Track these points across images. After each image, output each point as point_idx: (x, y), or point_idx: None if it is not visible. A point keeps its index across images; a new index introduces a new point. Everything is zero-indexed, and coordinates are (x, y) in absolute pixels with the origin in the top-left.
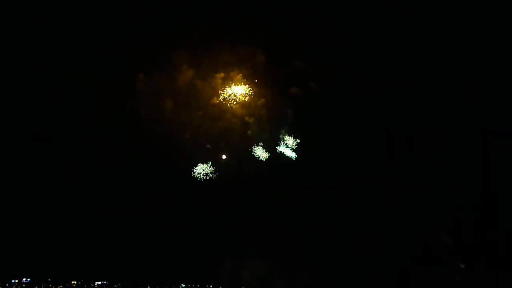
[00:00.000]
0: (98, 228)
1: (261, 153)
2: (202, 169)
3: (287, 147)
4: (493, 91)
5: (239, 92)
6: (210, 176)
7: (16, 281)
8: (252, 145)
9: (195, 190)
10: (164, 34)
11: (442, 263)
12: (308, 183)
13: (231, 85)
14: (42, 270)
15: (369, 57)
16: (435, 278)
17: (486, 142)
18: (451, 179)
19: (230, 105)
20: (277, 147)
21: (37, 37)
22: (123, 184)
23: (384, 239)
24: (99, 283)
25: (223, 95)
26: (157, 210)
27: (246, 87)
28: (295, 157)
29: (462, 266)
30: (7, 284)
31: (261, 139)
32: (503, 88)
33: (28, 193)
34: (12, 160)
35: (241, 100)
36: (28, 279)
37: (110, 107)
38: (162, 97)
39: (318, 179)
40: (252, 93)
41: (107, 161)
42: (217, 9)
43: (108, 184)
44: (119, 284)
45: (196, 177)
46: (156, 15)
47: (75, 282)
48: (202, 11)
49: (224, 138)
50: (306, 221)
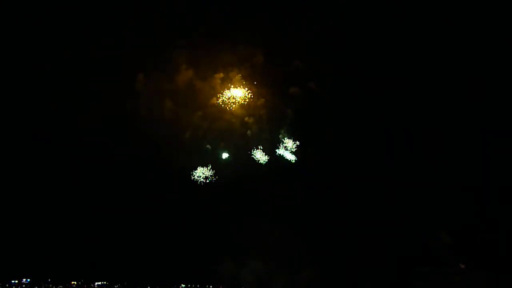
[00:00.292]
0: (98, 228)
1: (260, 156)
2: (202, 172)
3: (287, 149)
4: (493, 91)
5: (238, 95)
6: (210, 179)
7: (16, 281)
8: (252, 145)
9: (195, 190)
10: (164, 34)
11: (442, 263)
12: (308, 183)
13: (230, 87)
14: (42, 271)
15: (369, 57)
16: (435, 278)
17: (486, 142)
18: (451, 179)
19: (229, 108)
20: (277, 149)
21: (37, 37)
22: (122, 184)
23: (384, 239)
24: (99, 283)
25: (222, 98)
26: (157, 210)
27: (245, 90)
28: (294, 160)
29: (462, 266)
30: (7, 285)
31: (260, 139)
32: (503, 88)
33: (28, 193)
34: (12, 160)
35: (240, 102)
36: (28, 280)
37: (110, 107)
38: (162, 97)
39: (318, 179)
40: (251, 95)
41: (107, 161)
42: (216, 9)
43: (108, 184)
44: (119, 284)
45: (195, 180)
46: (156, 15)
47: (75, 282)
48: (202, 11)
49: (224, 138)
50: (306, 221)
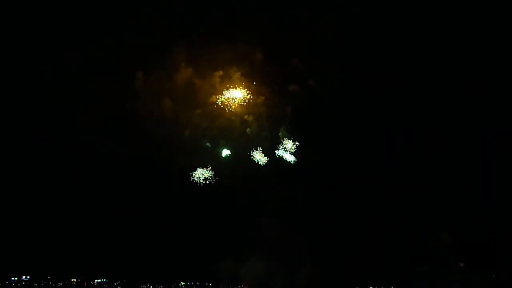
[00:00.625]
0: (98, 226)
1: (260, 157)
2: (201, 174)
3: (286, 151)
4: (493, 91)
5: (238, 96)
6: (209, 181)
7: (16, 279)
8: (252, 143)
9: (195, 190)
10: (164, 33)
11: (442, 262)
12: (308, 183)
13: (230, 88)
14: (42, 268)
15: (369, 57)
16: (435, 278)
17: (486, 142)
18: (451, 179)
19: (228, 109)
20: (276, 151)
21: (37, 37)
22: (123, 184)
23: (384, 238)
24: (99, 281)
25: (221, 99)
26: (156, 209)
27: (245, 91)
28: (294, 161)
29: (461, 265)
30: (7, 282)
31: (260, 137)
32: (503, 88)
33: (28, 192)
34: (12, 159)
35: (240, 104)
36: (28, 277)
37: (109, 106)
38: (162, 96)
39: (318, 179)
40: (250, 95)
41: (107, 161)
42: (216, 8)
43: (108, 184)
44: (119, 282)
45: (195, 181)
46: (155, 15)
47: (74, 280)
48: (201, 10)
49: (223, 136)
50: (306, 221)
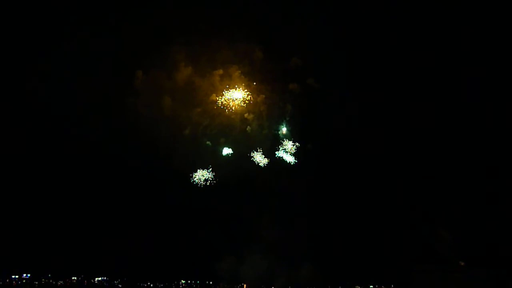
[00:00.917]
0: (98, 225)
1: (260, 159)
2: (201, 175)
3: (286, 151)
4: (493, 91)
5: (238, 97)
6: (210, 182)
7: (17, 277)
8: (252, 141)
9: (195, 189)
10: (163, 31)
11: (443, 260)
12: (308, 183)
13: (229, 89)
14: (42, 266)
15: (369, 56)
16: (436, 275)
17: (486, 142)
18: (451, 178)
19: (227, 111)
20: (276, 152)
21: (36, 36)
22: (123, 182)
23: (385, 237)
24: (100, 279)
25: (221, 100)
26: (157, 207)
27: (244, 92)
28: (294, 162)
29: (462, 263)
30: (7, 280)
31: (260, 135)
32: (503, 88)
33: (28, 191)
34: (11, 159)
35: (240, 104)
36: (29, 275)
37: (109, 106)
38: (161, 95)
39: (318, 179)
40: (249, 94)
41: (107, 159)
42: (216, 7)
43: (108, 182)
44: (119, 280)
45: (195, 183)
46: (155, 13)
47: (75, 278)
48: (200, 8)
49: (223, 135)
50: (306, 220)
